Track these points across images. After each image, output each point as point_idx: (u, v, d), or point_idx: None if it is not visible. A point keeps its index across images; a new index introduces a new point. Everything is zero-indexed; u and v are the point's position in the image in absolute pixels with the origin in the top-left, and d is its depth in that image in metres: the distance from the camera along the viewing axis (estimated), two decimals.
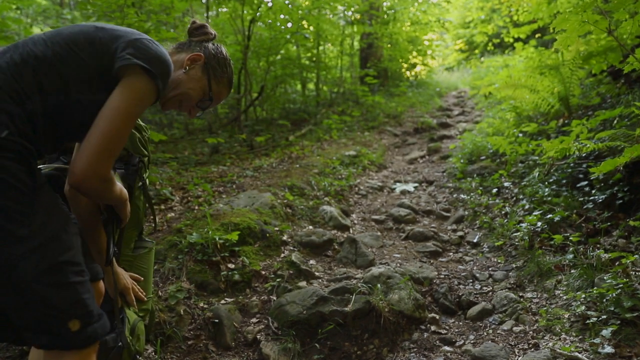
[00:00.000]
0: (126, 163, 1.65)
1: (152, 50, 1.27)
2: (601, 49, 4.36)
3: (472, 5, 14.81)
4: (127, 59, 1.23)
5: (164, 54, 1.29)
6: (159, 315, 2.32)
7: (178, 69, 1.44)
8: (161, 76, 1.26)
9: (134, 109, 1.22)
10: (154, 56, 1.26)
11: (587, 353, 1.88)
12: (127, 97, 1.21)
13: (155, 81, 1.24)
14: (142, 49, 1.25)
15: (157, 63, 1.26)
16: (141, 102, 1.24)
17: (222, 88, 1.53)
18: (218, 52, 1.52)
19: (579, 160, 3.51)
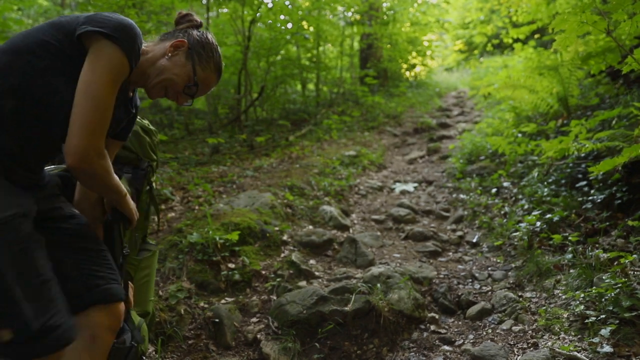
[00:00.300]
0: (135, 167, 1.66)
1: (112, 18, 1.25)
2: (600, 50, 4.37)
3: (472, 6, 14.82)
4: (84, 28, 1.22)
5: (126, 20, 1.27)
6: (159, 314, 2.33)
7: (161, 56, 1.41)
8: (125, 40, 1.23)
9: (108, 78, 1.21)
10: (115, 23, 1.24)
11: (586, 352, 1.88)
12: (97, 67, 1.20)
13: (120, 45, 1.22)
14: (100, 19, 1.24)
15: (118, 27, 1.23)
16: (113, 69, 1.22)
17: (208, 74, 1.48)
18: (203, 38, 1.49)
19: (578, 161, 3.52)
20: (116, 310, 1.31)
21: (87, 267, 1.28)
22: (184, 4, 5.72)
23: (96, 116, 1.19)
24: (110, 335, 1.30)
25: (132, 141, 1.67)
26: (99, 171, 1.24)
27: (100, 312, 1.26)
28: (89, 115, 1.18)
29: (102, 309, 1.26)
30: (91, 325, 1.25)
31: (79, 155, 1.17)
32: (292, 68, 8.20)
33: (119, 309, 1.32)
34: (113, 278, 1.31)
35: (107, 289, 1.28)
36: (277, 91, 8.45)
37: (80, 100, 1.18)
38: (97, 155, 1.21)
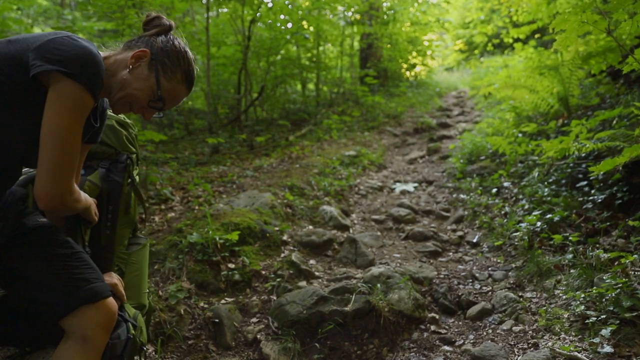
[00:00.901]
0: (113, 161, 1.66)
1: (67, 49, 1.16)
2: (600, 50, 4.37)
3: (472, 6, 14.82)
4: (39, 66, 1.14)
5: (82, 49, 1.18)
6: (159, 314, 2.33)
7: (123, 68, 1.32)
8: (85, 74, 1.16)
9: (72, 119, 1.16)
10: (71, 56, 1.15)
11: (587, 352, 1.88)
12: (60, 109, 1.14)
13: (81, 82, 1.15)
14: (55, 52, 1.15)
15: (76, 62, 1.15)
16: (76, 109, 1.16)
17: (175, 85, 1.37)
18: (169, 45, 1.37)
19: (578, 160, 3.52)
20: (106, 307, 1.27)
21: (65, 272, 1.25)
22: (184, 4, 5.71)
23: (66, 160, 1.17)
24: (104, 333, 1.27)
25: (109, 135, 1.66)
26: (71, 206, 1.26)
27: (88, 311, 1.24)
28: (58, 160, 1.16)
29: (90, 308, 1.24)
30: (81, 326, 1.23)
31: (51, 202, 1.19)
32: (292, 68, 8.20)
33: (108, 305, 1.28)
34: (95, 277, 1.29)
35: (91, 289, 1.25)
36: (277, 91, 8.45)
37: (47, 145, 1.15)
38: (69, 194, 1.22)
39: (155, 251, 2.82)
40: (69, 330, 1.25)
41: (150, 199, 3.75)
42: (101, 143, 1.64)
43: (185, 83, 1.40)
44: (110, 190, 1.60)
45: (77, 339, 1.24)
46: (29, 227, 1.27)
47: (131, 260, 1.74)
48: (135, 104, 1.35)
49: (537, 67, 5.55)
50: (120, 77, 1.32)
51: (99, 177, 1.59)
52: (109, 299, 1.29)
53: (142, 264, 1.79)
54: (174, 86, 1.37)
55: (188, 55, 1.41)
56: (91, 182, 1.58)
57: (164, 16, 1.44)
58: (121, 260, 1.70)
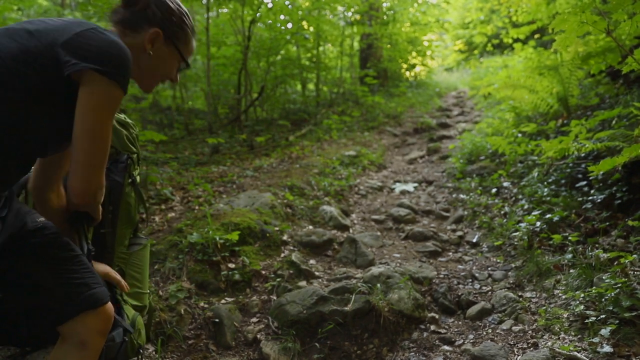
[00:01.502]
0: (114, 161, 1.66)
1: (98, 44, 1.16)
2: (600, 50, 4.37)
3: (472, 6, 14.83)
4: (74, 64, 1.13)
5: (114, 43, 1.18)
6: (159, 314, 2.33)
7: (142, 53, 1.33)
8: (120, 72, 1.17)
9: (107, 116, 1.17)
10: (104, 51, 1.15)
11: (586, 352, 1.88)
12: (95, 107, 1.15)
13: (116, 79, 1.16)
14: (87, 46, 1.15)
15: (110, 59, 1.15)
16: (111, 106, 1.18)
17: (190, 43, 1.43)
18: (167, 12, 1.36)
19: (577, 161, 3.52)
20: (105, 313, 1.27)
21: (65, 276, 1.23)
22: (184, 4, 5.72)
23: (100, 156, 1.19)
24: (101, 338, 1.26)
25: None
26: (99, 202, 1.29)
27: (89, 318, 1.23)
28: (95, 157, 1.18)
29: (90, 314, 1.23)
30: (81, 332, 1.22)
31: (87, 197, 1.21)
32: (292, 68, 8.20)
33: (107, 311, 1.28)
34: (95, 282, 1.27)
35: (92, 295, 1.24)
36: (277, 91, 8.46)
37: (83, 142, 1.16)
38: (101, 190, 1.25)
39: (156, 251, 2.82)
40: (67, 335, 1.23)
41: (151, 199, 3.75)
42: None
43: (194, 36, 1.46)
44: (110, 190, 1.60)
45: (76, 344, 1.22)
46: (29, 228, 1.24)
47: (131, 261, 1.74)
48: (166, 78, 1.43)
49: (537, 67, 5.55)
50: (145, 65, 1.35)
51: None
52: (108, 304, 1.28)
53: (143, 264, 1.80)
54: (190, 45, 1.44)
55: (183, 9, 1.43)
56: None
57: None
58: (122, 260, 1.70)
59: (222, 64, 7.41)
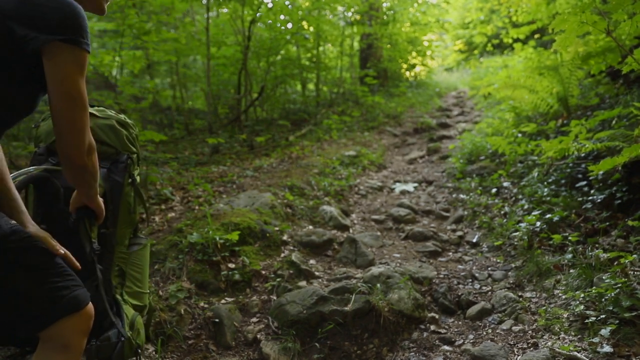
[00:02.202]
0: (114, 161, 1.66)
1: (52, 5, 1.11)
2: (600, 50, 4.38)
3: (472, 6, 14.82)
4: (35, 39, 1.09)
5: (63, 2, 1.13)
6: (159, 314, 2.33)
7: None
8: (80, 32, 1.14)
9: (80, 80, 1.16)
10: (61, 15, 1.11)
11: (586, 352, 1.88)
12: (66, 75, 1.13)
13: (79, 43, 1.13)
14: (40, 13, 1.10)
15: (67, 22, 1.12)
16: (80, 71, 1.16)
17: None
18: None
19: (577, 161, 3.52)
20: (87, 314, 1.25)
21: (45, 280, 1.20)
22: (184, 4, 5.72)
23: (84, 118, 1.19)
24: (83, 338, 1.25)
25: (109, 135, 1.66)
26: (95, 164, 1.27)
27: (71, 320, 1.21)
28: (78, 122, 1.17)
29: (73, 317, 1.21)
30: (63, 335, 1.20)
31: (82, 156, 1.20)
32: (292, 68, 8.20)
33: (89, 312, 1.26)
34: (75, 284, 1.25)
35: (74, 297, 1.21)
36: (277, 91, 8.46)
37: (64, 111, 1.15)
38: (92, 149, 1.24)
39: (156, 251, 2.82)
40: (48, 339, 1.21)
41: (151, 199, 3.75)
42: (102, 143, 1.64)
43: None
44: (111, 190, 1.60)
45: (58, 347, 1.20)
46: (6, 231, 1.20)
47: (131, 261, 1.74)
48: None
49: (537, 68, 5.55)
50: None
51: (102, 178, 1.59)
52: (89, 305, 1.26)
53: (143, 264, 1.80)
54: None
55: None
56: None
57: None
58: (122, 260, 1.71)
59: (222, 64, 7.41)
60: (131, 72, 6.47)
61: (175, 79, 7.74)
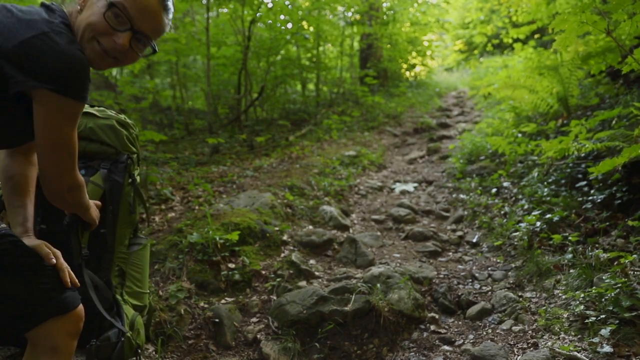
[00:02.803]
0: (114, 161, 1.66)
1: (49, 56, 1.05)
2: (600, 50, 4.38)
3: (472, 6, 14.83)
4: (22, 83, 1.04)
5: (66, 53, 1.07)
6: (159, 314, 2.33)
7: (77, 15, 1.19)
8: (75, 86, 1.08)
9: (68, 128, 1.12)
10: (56, 66, 1.05)
11: (586, 352, 1.88)
12: (53, 123, 1.09)
13: (71, 96, 1.08)
14: (35, 59, 1.04)
15: (62, 74, 1.05)
16: (69, 120, 1.11)
17: None
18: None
19: (577, 161, 3.52)
20: (75, 316, 1.23)
21: (34, 281, 1.19)
22: (184, 4, 5.72)
23: (67, 162, 1.16)
24: (72, 340, 1.23)
25: (110, 135, 1.66)
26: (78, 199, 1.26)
27: (59, 322, 1.20)
28: (60, 164, 1.15)
29: (61, 319, 1.20)
30: (51, 337, 1.19)
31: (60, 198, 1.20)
32: (292, 68, 8.20)
33: (78, 313, 1.24)
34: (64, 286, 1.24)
35: (62, 299, 1.21)
36: (277, 91, 8.46)
37: (47, 153, 1.12)
38: (75, 189, 1.22)
39: (156, 251, 2.82)
40: (36, 341, 1.20)
41: (151, 199, 3.75)
42: (102, 143, 1.64)
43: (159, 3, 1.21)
44: (110, 190, 1.61)
45: (47, 349, 1.19)
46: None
47: (131, 261, 1.75)
48: (100, 37, 1.16)
49: (537, 67, 5.56)
50: (76, 25, 1.17)
51: (102, 178, 1.59)
52: (78, 308, 1.25)
53: (143, 264, 1.80)
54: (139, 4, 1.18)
55: None
56: (94, 183, 1.58)
57: None
58: (122, 260, 1.71)
59: (222, 64, 7.41)
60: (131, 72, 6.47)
61: (175, 79, 7.75)
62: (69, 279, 1.24)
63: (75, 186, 1.22)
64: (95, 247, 1.59)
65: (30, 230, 1.34)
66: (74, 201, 1.25)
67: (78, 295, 1.27)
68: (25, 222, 1.34)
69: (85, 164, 1.61)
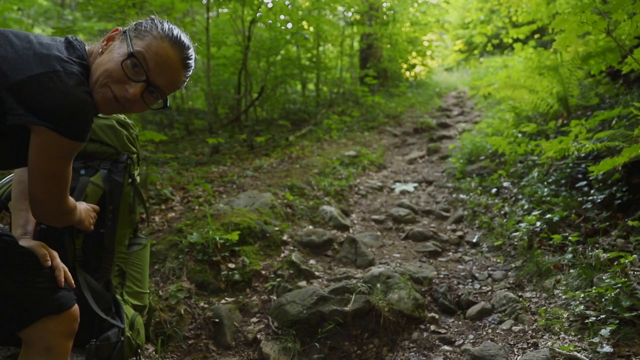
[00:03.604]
0: (114, 161, 1.66)
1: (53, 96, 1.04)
2: (600, 50, 4.38)
3: (472, 6, 14.82)
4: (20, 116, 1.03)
5: (72, 95, 1.05)
6: (159, 314, 2.33)
7: (96, 56, 1.20)
8: (74, 127, 1.07)
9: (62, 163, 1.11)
10: (58, 107, 1.04)
11: (586, 352, 1.88)
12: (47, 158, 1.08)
13: (69, 136, 1.06)
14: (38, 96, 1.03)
15: (63, 115, 1.04)
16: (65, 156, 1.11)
17: (152, 41, 1.16)
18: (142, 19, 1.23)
19: (577, 161, 3.52)
20: (70, 316, 1.22)
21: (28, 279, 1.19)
22: (184, 4, 5.72)
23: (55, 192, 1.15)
24: (66, 340, 1.23)
25: (109, 135, 1.66)
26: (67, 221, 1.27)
27: (52, 322, 1.19)
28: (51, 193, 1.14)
29: (54, 319, 1.19)
30: (45, 337, 1.19)
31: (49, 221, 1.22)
32: (292, 68, 8.20)
33: (72, 314, 1.23)
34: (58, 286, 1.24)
35: (57, 299, 1.20)
36: (277, 91, 8.46)
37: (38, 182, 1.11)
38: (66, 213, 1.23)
39: (156, 251, 2.82)
40: (30, 341, 1.20)
41: (151, 199, 3.75)
42: (102, 143, 1.65)
43: (167, 40, 1.18)
44: (110, 190, 1.61)
45: (41, 350, 1.19)
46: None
47: (131, 261, 1.75)
48: (113, 84, 1.15)
49: (537, 67, 5.56)
50: (93, 67, 1.17)
51: (102, 179, 1.60)
52: (73, 308, 1.24)
53: (143, 264, 1.80)
54: (150, 43, 1.16)
55: (167, 22, 1.24)
56: (94, 183, 1.58)
57: None
58: (122, 260, 1.71)
59: (222, 64, 7.41)
60: None
61: None
62: (63, 279, 1.24)
63: (64, 212, 1.22)
64: (95, 247, 1.59)
65: (30, 233, 1.34)
66: (62, 223, 1.26)
67: (73, 295, 1.27)
68: (26, 225, 1.35)
69: (85, 164, 1.61)
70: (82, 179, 1.56)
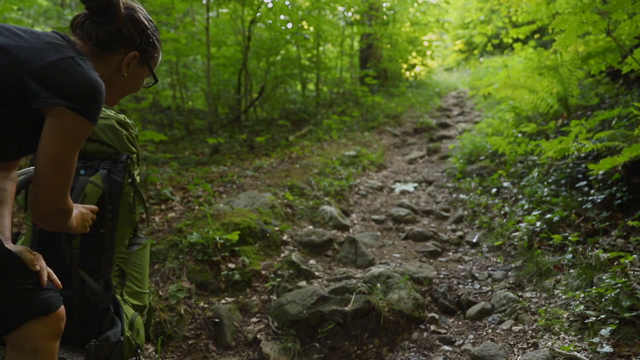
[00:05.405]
0: (114, 161, 1.66)
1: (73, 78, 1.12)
2: (600, 50, 4.38)
3: (471, 6, 14.83)
4: (45, 99, 1.09)
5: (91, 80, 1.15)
6: (159, 314, 2.33)
7: (113, 73, 1.32)
8: (91, 109, 1.15)
9: (73, 147, 1.16)
10: (79, 88, 1.12)
11: (586, 352, 1.89)
12: (62, 139, 1.13)
13: (87, 117, 1.14)
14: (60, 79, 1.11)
15: (83, 96, 1.13)
16: (78, 139, 1.16)
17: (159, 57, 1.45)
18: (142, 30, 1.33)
19: (577, 161, 3.52)
20: (57, 317, 1.23)
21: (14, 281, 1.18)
22: (184, 4, 5.72)
23: (62, 183, 1.17)
24: (53, 341, 1.23)
25: (109, 135, 1.66)
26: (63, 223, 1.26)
27: (40, 323, 1.19)
28: (55, 184, 1.16)
29: (42, 320, 1.19)
30: (31, 339, 1.18)
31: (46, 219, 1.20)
32: (292, 68, 8.21)
33: (59, 315, 1.24)
34: (46, 287, 1.23)
35: (43, 300, 1.20)
36: (277, 91, 8.46)
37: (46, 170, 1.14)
38: (64, 212, 1.23)
39: (156, 251, 2.82)
40: (17, 344, 1.19)
41: (151, 199, 3.75)
42: (102, 143, 1.64)
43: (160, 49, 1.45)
44: (110, 190, 1.61)
45: (28, 352, 1.18)
46: None
47: (131, 260, 1.75)
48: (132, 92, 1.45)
49: (537, 68, 5.55)
50: (116, 83, 1.35)
51: (101, 179, 1.60)
52: (60, 309, 1.25)
53: (143, 264, 1.80)
54: (158, 57, 1.44)
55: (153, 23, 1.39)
56: (94, 183, 1.58)
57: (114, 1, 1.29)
58: (122, 260, 1.71)
59: (222, 64, 7.41)
60: None
61: (175, 79, 7.75)
62: (46, 279, 1.24)
63: (62, 210, 1.22)
64: (95, 247, 1.59)
65: (9, 239, 1.34)
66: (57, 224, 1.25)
67: (59, 296, 1.26)
68: (5, 230, 1.34)
69: (85, 164, 1.61)
70: (81, 178, 1.56)
